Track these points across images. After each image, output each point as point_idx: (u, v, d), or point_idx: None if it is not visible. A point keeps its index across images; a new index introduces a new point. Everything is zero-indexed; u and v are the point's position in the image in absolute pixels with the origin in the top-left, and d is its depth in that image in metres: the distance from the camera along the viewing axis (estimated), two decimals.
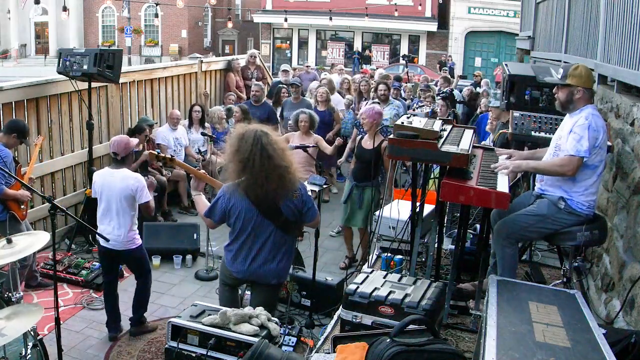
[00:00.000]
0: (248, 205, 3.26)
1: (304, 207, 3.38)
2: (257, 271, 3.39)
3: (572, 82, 3.29)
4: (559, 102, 3.42)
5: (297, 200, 3.32)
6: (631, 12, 4.04)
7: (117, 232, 4.27)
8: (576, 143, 3.17)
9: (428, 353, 2.28)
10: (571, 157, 3.18)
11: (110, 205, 4.30)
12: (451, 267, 3.79)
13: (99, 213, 4.38)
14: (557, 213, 3.33)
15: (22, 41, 34.58)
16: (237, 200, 3.27)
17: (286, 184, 3.20)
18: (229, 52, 33.83)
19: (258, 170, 3.12)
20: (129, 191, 4.26)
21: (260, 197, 3.20)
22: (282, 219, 3.31)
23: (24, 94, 5.84)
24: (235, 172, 3.22)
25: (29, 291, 5.15)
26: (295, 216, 3.37)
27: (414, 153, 3.32)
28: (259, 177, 3.13)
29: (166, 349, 2.90)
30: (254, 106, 7.94)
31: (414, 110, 8.30)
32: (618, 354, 2.40)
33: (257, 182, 3.14)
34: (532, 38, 8.66)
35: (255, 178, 3.13)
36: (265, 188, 3.15)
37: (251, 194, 3.21)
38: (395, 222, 4.34)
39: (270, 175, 3.12)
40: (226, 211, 3.31)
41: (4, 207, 4.72)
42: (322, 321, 4.74)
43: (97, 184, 4.38)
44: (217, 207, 3.35)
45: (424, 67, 26.32)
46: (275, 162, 3.14)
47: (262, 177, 3.12)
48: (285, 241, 3.43)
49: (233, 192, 3.27)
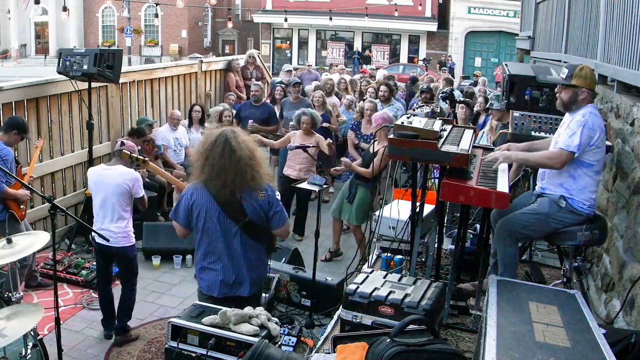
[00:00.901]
0: (210, 202, 3.14)
1: (270, 210, 3.21)
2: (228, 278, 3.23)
3: (578, 82, 3.28)
4: (562, 101, 3.40)
5: (263, 201, 3.18)
6: (631, 12, 4.04)
7: (112, 227, 4.29)
8: (568, 138, 3.20)
9: (428, 353, 2.28)
10: (561, 151, 3.21)
11: (105, 200, 4.32)
12: (451, 267, 3.79)
13: (95, 209, 4.40)
14: (558, 212, 3.34)
15: (22, 41, 34.59)
16: (199, 195, 3.16)
17: (247, 178, 3.09)
18: (229, 52, 33.84)
19: (218, 160, 3.06)
20: (125, 187, 4.30)
21: (220, 189, 3.09)
22: (246, 219, 3.15)
23: (24, 94, 5.84)
24: (198, 168, 3.16)
25: (29, 291, 5.15)
26: (260, 219, 3.20)
27: (414, 153, 3.31)
28: (216, 167, 3.06)
29: (166, 349, 2.90)
30: (254, 106, 7.94)
31: (413, 110, 8.29)
32: (618, 354, 2.40)
33: (216, 172, 3.07)
34: (532, 38, 8.67)
35: (213, 169, 3.07)
36: (223, 179, 3.06)
37: (211, 187, 3.12)
38: (395, 222, 4.34)
39: (228, 167, 3.05)
40: (189, 208, 3.18)
41: (4, 207, 4.72)
42: (322, 321, 4.74)
43: (92, 181, 4.42)
44: (181, 205, 3.23)
45: (424, 67, 26.35)
46: (236, 155, 3.07)
47: (220, 167, 3.05)
48: (251, 250, 3.25)
49: (195, 188, 3.19)
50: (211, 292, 3.27)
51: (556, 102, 3.51)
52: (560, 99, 3.41)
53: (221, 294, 3.25)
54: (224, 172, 3.05)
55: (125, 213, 4.37)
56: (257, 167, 3.14)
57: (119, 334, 4.48)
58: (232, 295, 3.25)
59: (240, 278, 3.24)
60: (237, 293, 3.25)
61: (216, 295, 3.26)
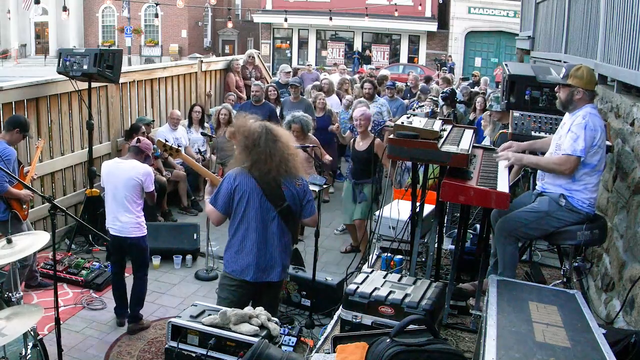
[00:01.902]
0: (253, 185, 3.31)
1: (305, 198, 3.43)
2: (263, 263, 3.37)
3: (573, 82, 3.31)
4: (560, 101, 3.45)
5: (300, 189, 3.39)
6: (631, 12, 4.04)
7: (124, 219, 4.47)
8: (573, 142, 3.20)
9: (428, 353, 2.28)
10: (568, 157, 3.22)
11: (116, 193, 4.48)
12: (451, 267, 3.79)
13: (107, 201, 4.58)
14: (558, 210, 3.34)
15: (22, 41, 34.59)
16: (242, 179, 3.32)
17: (290, 166, 3.31)
18: (229, 52, 33.83)
19: (263, 148, 3.25)
20: (136, 180, 4.45)
21: (264, 174, 3.27)
22: (285, 204, 3.35)
23: (24, 94, 5.84)
24: (241, 155, 3.35)
25: (29, 291, 5.15)
26: (296, 205, 3.40)
27: (414, 153, 3.31)
28: (263, 154, 3.25)
29: (166, 349, 2.90)
30: (255, 106, 7.94)
31: (414, 110, 8.29)
32: (618, 354, 2.40)
33: (262, 159, 3.25)
34: (532, 38, 8.67)
35: (260, 155, 3.26)
36: (269, 165, 3.24)
37: (255, 172, 3.29)
38: (395, 222, 4.34)
39: (274, 154, 3.25)
40: (231, 192, 3.32)
41: (7, 207, 4.72)
42: (322, 321, 4.74)
43: (104, 173, 4.60)
44: (222, 189, 3.37)
45: (424, 67, 26.35)
46: (279, 144, 3.29)
47: (266, 154, 3.24)
48: (286, 235, 3.44)
49: (238, 172, 3.35)
50: (244, 275, 3.38)
51: (556, 102, 3.54)
52: (559, 98, 3.46)
53: (254, 279, 3.37)
54: (270, 158, 3.25)
55: (137, 205, 4.52)
56: (295, 157, 3.38)
57: (132, 322, 4.62)
58: (263, 280, 3.39)
59: (273, 262, 3.40)
60: (269, 278, 3.40)
61: (249, 279, 3.38)
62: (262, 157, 3.26)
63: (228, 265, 3.46)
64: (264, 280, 3.39)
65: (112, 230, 4.54)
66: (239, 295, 3.41)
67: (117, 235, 4.51)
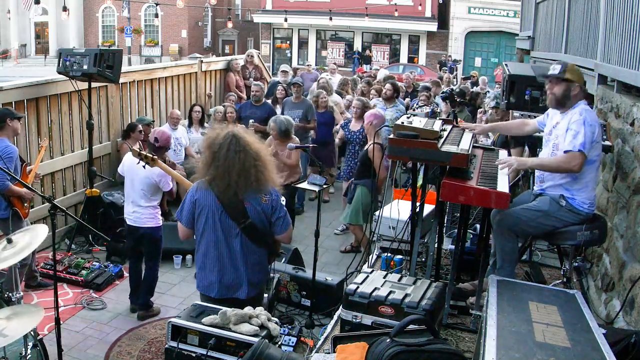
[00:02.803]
0: (213, 200, 3.17)
1: (273, 216, 3.23)
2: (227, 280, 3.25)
3: (571, 77, 3.28)
4: (554, 97, 3.35)
5: (266, 205, 3.20)
6: (631, 12, 4.04)
7: (139, 209, 4.73)
8: (573, 139, 3.17)
9: (428, 353, 2.28)
10: (572, 153, 3.16)
11: (134, 186, 4.72)
12: (451, 267, 3.78)
13: (125, 189, 4.85)
14: (558, 210, 3.33)
15: (22, 41, 34.58)
16: (203, 193, 3.20)
17: (250, 180, 3.11)
18: (229, 52, 33.82)
19: (223, 161, 3.09)
20: (152, 181, 4.64)
21: (223, 189, 3.11)
22: (248, 222, 3.17)
23: (24, 94, 5.85)
24: (204, 167, 3.19)
25: (29, 291, 5.15)
26: (262, 223, 3.22)
27: (414, 153, 3.31)
28: (221, 168, 3.09)
29: (166, 349, 2.90)
30: (254, 106, 7.94)
31: (414, 110, 8.29)
32: (618, 354, 2.40)
33: (219, 174, 3.10)
34: (532, 38, 8.66)
35: (218, 170, 3.11)
36: (227, 180, 3.08)
37: (214, 186, 3.15)
38: (395, 222, 4.34)
39: (233, 167, 3.07)
40: (192, 206, 3.22)
41: (8, 204, 4.71)
42: (322, 321, 4.75)
43: (125, 165, 4.80)
44: (185, 202, 3.26)
45: (424, 67, 26.35)
46: (241, 156, 3.09)
47: (224, 168, 3.08)
48: (255, 252, 3.27)
49: (199, 186, 3.23)
50: (209, 292, 3.30)
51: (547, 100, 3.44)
52: (552, 95, 3.36)
53: (218, 295, 3.27)
54: (228, 173, 3.08)
55: (153, 197, 4.77)
56: (262, 169, 3.15)
57: (142, 309, 4.88)
58: (229, 297, 3.26)
59: (239, 280, 3.26)
60: (235, 295, 3.27)
61: (213, 295, 3.28)
62: (219, 172, 3.10)
63: (197, 279, 3.40)
64: (230, 296, 3.26)
65: (128, 220, 4.79)
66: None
67: (132, 225, 4.76)
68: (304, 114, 7.72)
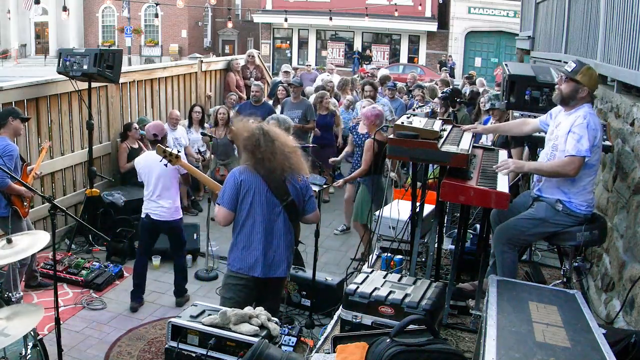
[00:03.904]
0: (258, 181, 3.41)
1: (307, 194, 3.54)
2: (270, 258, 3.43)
3: (582, 79, 3.23)
4: (560, 94, 3.32)
5: (302, 184, 3.50)
6: (631, 12, 4.04)
7: (167, 205, 4.89)
8: (576, 143, 3.14)
9: (428, 353, 2.28)
10: (572, 158, 3.14)
11: (157, 184, 4.86)
12: (451, 267, 3.79)
13: (147, 194, 4.94)
14: (555, 215, 3.33)
15: (22, 41, 34.57)
16: (248, 175, 3.42)
17: (292, 162, 3.41)
18: (229, 52, 33.82)
19: (264, 148, 3.36)
20: (177, 172, 4.78)
21: (269, 170, 3.37)
22: (289, 199, 3.44)
23: (24, 94, 5.84)
24: (245, 156, 3.46)
25: (29, 291, 5.15)
26: (299, 200, 3.50)
27: (414, 153, 3.31)
28: (266, 153, 3.35)
29: (166, 349, 2.90)
30: (254, 106, 7.93)
31: (414, 110, 8.29)
32: (618, 354, 2.40)
33: (265, 157, 3.35)
34: (532, 38, 8.67)
35: (265, 154, 3.36)
36: (272, 162, 3.35)
37: (260, 169, 3.39)
38: (395, 222, 4.34)
39: (275, 152, 3.36)
40: (237, 187, 3.40)
41: (8, 202, 4.71)
42: (322, 321, 4.75)
43: (141, 166, 4.96)
44: (228, 185, 3.45)
45: (424, 67, 26.35)
46: (279, 143, 3.39)
47: (269, 152, 3.35)
48: (290, 232, 3.53)
49: (243, 169, 3.45)
50: (253, 272, 3.43)
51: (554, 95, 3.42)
52: (559, 91, 3.34)
53: (262, 274, 3.43)
54: (274, 157, 3.35)
55: (175, 191, 4.97)
56: (296, 154, 3.48)
57: (180, 296, 5.15)
58: (270, 276, 3.45)
59: (280, 258, 3.47)
60: (276, 274, 3.48)
61: (258, 274, 3.43)
62: (266, 156, 3.35)
63: (234, 263, 3.48)
64: (272, 275, 3.46)
65: (154, 216, 4.89)
66: (244, 295, 3.43)
67: (159, 219, 4.90)
68: (303, 115, 7.72)
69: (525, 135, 4.17)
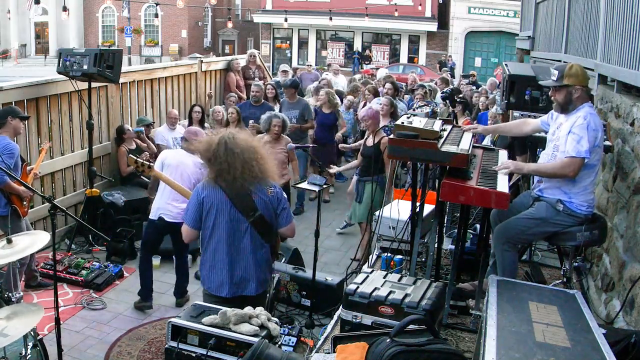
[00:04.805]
0: (221, 197, 3.23)
1: (279, 207, 3.33)
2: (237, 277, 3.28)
3: (569, 82, 3.26)
4: (558, 104, 3.37)
5: (272, 197, 3.29)
6: (631, 12, 4.04)
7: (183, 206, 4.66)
8: (576, 144, 3.14)
9: (428, 353, 2.28)
10: (572, 159, 3.15)
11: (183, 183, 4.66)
12: (451, 267, 3.79)
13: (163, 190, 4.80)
14: (555, 215, 3.33)
15: (22, 41, 34.57)
16: (210, 190, 3.26)
17: (255, 172, 3.21)
18: (229, 52, 33.81)
19: (224, 158, 3.17)
20: (200, 175, 4.61)
21: (231, 183, 3.19)
22: (256, 214, 3.24)
23: (24, 94, 5.84)
24: (207, 170, 3.30)
25: (29, 291, 5.15)
26: (269, 215, 3.30)
27: (414, 153, 3.31)
28: (225, 163, 3.17)
29: (166, 349, 2.90)
30: (254, 106, 7.93)
31: (414, 110, 8.28)
32: (618, 354, 2.40)
33: (224, 168, 3.18)
34: (532, 38, 8.66)
35: (222, 165, 3.18)
36: (232, 173, 3.17)
37: (221, 181, 3.22)
38: (395, 222, 4.34)
39: (235, 161, 3.17)
40: (200, 205, 3.26)
41: (7, 201, 4.71)
42: (322, 321, 4.74)
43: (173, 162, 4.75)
44: (191, 202, 3.31)
45: (424, 67, 26.34)
46: (240, 151, 3.18)
47: (228, 162, 3.17)
48: (263, 247, 3.34)
49: (205, 185, 3.30)
50: (220, 292, 3.31)
51: (553, 106, 3.46)
52: (556, 102, 3.38)
53: (229, 294, 3.30)
54: (233, 167, 3.16)
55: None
56: (262, 162, 3.25)
57: (181, 296, 5.17)
58: (239, 294, 3.31)
59: (248, 276, 3.31)
60: (245, 292, 3.32)
61: (224, 295, 3.30)
62: (223, 168, 3.18)
63: (204, 281, 3.40)
64: (240, 294, 3.32)
65: (169, 218, 4.80)
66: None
67: (174, 222, 4.75)
68: (300, 114, 7.71)
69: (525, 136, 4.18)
